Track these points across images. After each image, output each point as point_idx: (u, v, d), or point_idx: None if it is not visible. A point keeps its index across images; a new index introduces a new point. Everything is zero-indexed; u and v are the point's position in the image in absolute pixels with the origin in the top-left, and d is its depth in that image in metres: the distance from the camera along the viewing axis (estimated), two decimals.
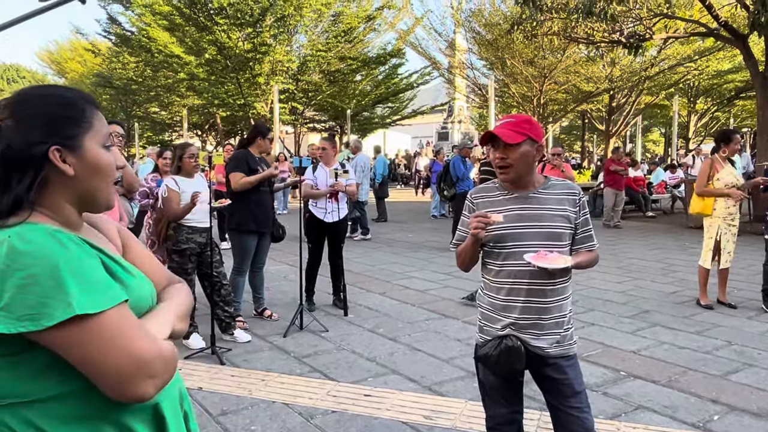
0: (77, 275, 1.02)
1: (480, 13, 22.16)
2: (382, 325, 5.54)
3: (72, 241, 1.06)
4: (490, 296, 2.39)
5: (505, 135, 2.23)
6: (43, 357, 1.05)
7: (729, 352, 4.74)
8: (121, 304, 1.07)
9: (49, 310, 0.99)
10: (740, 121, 33.42)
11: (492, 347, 2.32)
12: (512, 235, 2.29)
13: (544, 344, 2.30)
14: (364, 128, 28.18)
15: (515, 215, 2.29)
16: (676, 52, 20.38)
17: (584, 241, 2.38)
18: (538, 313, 2.29)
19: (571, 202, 2.34)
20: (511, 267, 2.30)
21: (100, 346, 1.02)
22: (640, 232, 12.28)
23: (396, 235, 11.74)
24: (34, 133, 1.11)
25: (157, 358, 1.07)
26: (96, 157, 1.17)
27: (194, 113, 28.47)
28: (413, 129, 37.55)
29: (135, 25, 24.16)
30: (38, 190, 1.12)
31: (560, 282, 2.32)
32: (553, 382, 2.34)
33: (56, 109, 1.15)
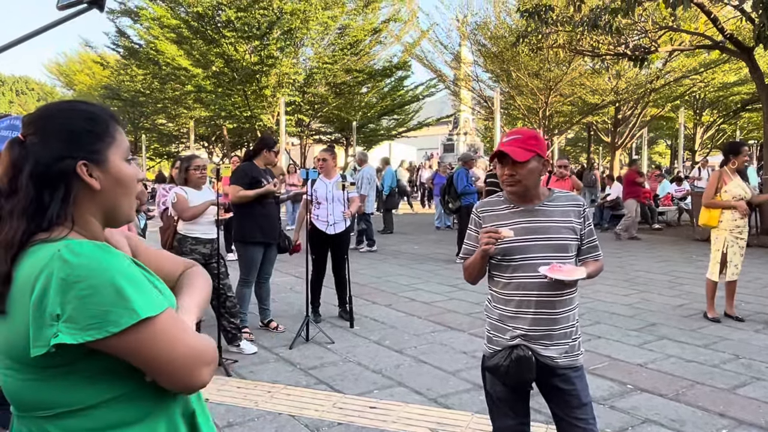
0: (132, 282, 1.07)
1: (485, 26, 22.27)
2: (388, 337, 5.53)
3: (117, 252, 1.11)
4: (499, 308, 2.42)
5: (515, 153, 2.28)
6: (96, 364, 1.09)
7: (737, 365, 4.72)
8: (168, 307, 1.13)
9: (113, 318, 1.03)
10: (746, 133, 33.34)
11: (503, 357, 2.34)
12: (520, 248, 2.32)
13: (554, 354, 2.34)
14: (369, 140, 28.24)
15: (522, 228, 2.33)
16: (681, 64, 20.40)
17: (590, 251, 2.44)
18: (548, 324, 2.33)
19: (576, 214, 2.38)
20: (520, 279, 2.33)
21: (165, 343, 1.09)
22: (647, 244, 12.24)
23: (402, 247, 11.74)
24: (60, 147, 1.14)
25: (207, 347, 1.15)
26: (119, 171, 1.20)
27: (201, 125, 28.63)
28: (419, 141, 37.62)
29: (143, 38, 24.40)
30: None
31: (567, 293, 2.35)
32: (560, 393, 2.36)
33: (81, 123, 1.17)
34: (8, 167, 1.15)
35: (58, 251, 1.05)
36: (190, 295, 1.33)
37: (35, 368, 1.08)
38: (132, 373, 1.11)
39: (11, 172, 1.14)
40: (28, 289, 1.05)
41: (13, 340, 1.08)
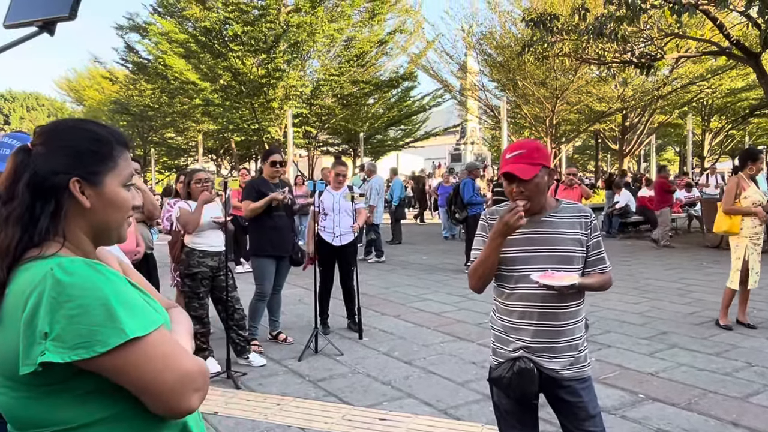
0: (123, 302, 1.07)
1: (491, 36, 22.34)
2: (397, 348, 5.52)
3: (109, 271, 1.11)
4: (503, 319, 2.41)
5: (521, 171, 2.27)
6: (88, 384, 1.08)
7: (749, 373, 4.67)
8: (161, 327, 1.12)
9: (101, 338, 1.03)
10: (755, 138, 33.16)
11: (505, 369, 2.32)
12: (524, 259, 2.31)
13: (558, 366, 2.31)
14: (377, 151, 28.32)
15: (526, 239, 2.32)
16: (688, 71, 20.36)
17: (596, 263, 2.38)
18: (551, 336, 2.30)
19: (583, 225, 2.36)
20: (523, 290, 2.32)
21: (152, 365, 1.08)
22: (656, 252, 12.17)
23: (410, 257, 11.74)
24: (60, 162, 1.16)
25: (199, 372, 1.13)
26: (114, 195, 1.22)
27: (209, 138, 28.83)
28: (426, 151, 37.66)
29: (151, 53, 24.64)
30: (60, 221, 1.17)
31: (572, 306, 2.33)
32: (568, 405, 2.35)
33: (86, 143, 1.20)
34: (10, 173, 1.17)
35: (50, 270, 1.06)
36: (180, 327, 1.32)
37: (27, 386, 1.08)
38: (124, 393, 1.10)
39: (12, 177, 1.17)
40: (20, 306, 1.06)
41: (4, 357, 1.08)
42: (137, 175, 4.94)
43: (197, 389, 1.12)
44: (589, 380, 2.38)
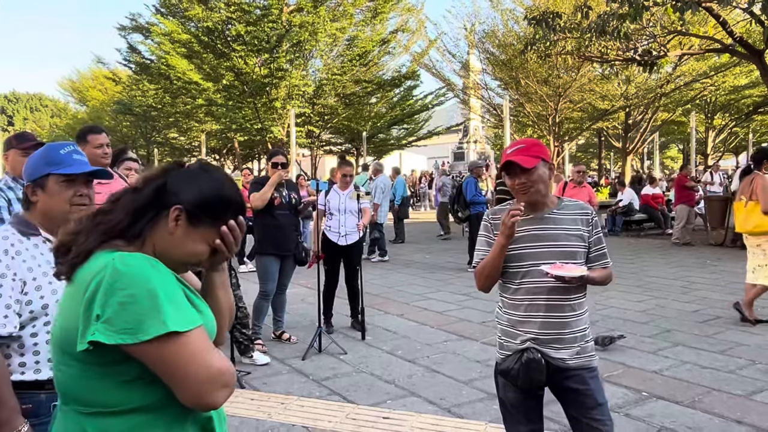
0: (170, 298, 1.18)
1: (493, 34, 22.27)
2: (401, 347, 5.53)
3: (164, 269, 1.24)
4: (510, 313, 2.48)
5: (523, 161, 2.35)
6: (133, 370, 1.20)
7: (753, 371, 4.66)
8: (200, 326, 1.23)
9: (145, 327, 1.14)
10: (759, 136, 33.04)
11: (513, 360, 2.39)
12: (530, 255, 2.39)
13: (566, 356, 2.38)
14: (380, 150, 28.29)
15: (531, 235, 2.40)
16: (691, 68, 20.28)
17: (598, 258, 2.47)
18: (558, 327, 2.38)
19: (585, 222, 2.45)
20: (529, 284, 2.40)
21: (187, 359, 1.17)
22: (660, 249, 12.15)
23: (413, 257, 11.74)
24: (184, 190, 1.32)
25: (227, 371, 1.23)
26: (195, 241, 1.33)
27: (212, 138, 28.83)
28: (429, 150, 37.65)
29: (154, 53, 24.67)
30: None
31: (576, 297, 2.42)
32: (575, 394, 2.40)
33: (213, 194, 1.34)
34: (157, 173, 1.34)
35: (112, 260, 1.19)
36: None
37: (80, 363, 1.20)
38: (161, 384, 1.20)
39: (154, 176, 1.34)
40: (82, 289, 1.19)
41: (65, 334, 1.21)
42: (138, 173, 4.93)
43: (225, 385, 1.21)
44: (596, 370, 2.45)
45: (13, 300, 1.79)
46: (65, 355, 1.22)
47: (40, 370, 1.84)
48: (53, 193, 1.92)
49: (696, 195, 13.45)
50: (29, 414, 1.79)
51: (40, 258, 1.88)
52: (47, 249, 1.91)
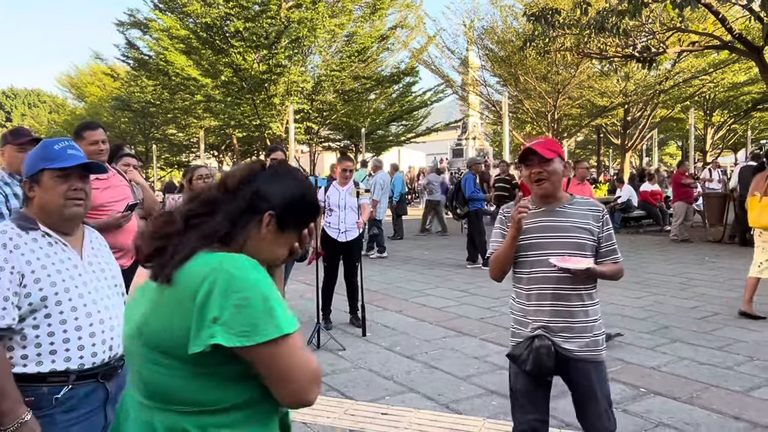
0: (277, 301, 1.24)
1: (492, 31, 22.25)
2: (399, 343, 5.53)
3: (264, 272, 1.29)
4: (521, 303, 2.62)
5: (542, 151, 2.51)
6: (235, 370, 1.25)
7: (751, 367, 4.67)
8: (299, 328, 1.29)
9: (260, 329, 1.19)
10: (758, 133, 33.05)
11: (524, 347, 2.52)
12: (540, 245, 2.54)
13: (574, 347, 2.50)
14: (378, 146, 28.25)
15: (542, 227, 2.56)
16: (690, 65, 20.27)
17: (609, 254, 2.60)
18: (567, 316, 2.51)
19: (595, 218, 2.58)
20: (539, 273, 2.53)
21: (293, 360, 1.24)
22: (658, 246, 12.16)
23: (412, 253, 11.74)
24: (276, 195, 1.37)
25: (319, 367, 1.30)
26: (284, 243, 1.42)
27: (211, 134, 28.77)
28: (428, 146, 37.60)
29: (152, 49, 24.58)
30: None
31: (584, 289, 2.53)
32: (578, 384, 2.55)
33: (302, 200, 1.41)
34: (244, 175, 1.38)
35: (220, 262, 1.23)
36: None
37: (186, 365, 1.23)
38: (256, 381, 1.26)
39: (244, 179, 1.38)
40: (191, 292, 1.22)
41: (170, 336, 1.24)
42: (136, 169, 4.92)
43: (318, 383, 1.29)
44: (603, 364, 2.57)
45: (11, 293, 1.80)
46: (165, 355, 1.25)
47: (42, 362, 1.85)
48: (48, 188, 1.94)
49: (694, 192, 13.44)
50: (31, 407, 1.81)
51: (39, 252, 1.90)
52: (46, 243, 1.93)
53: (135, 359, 1.32)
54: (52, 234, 1.95)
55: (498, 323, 6.12)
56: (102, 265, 2.07)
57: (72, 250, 1.98)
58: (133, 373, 1.35)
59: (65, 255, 1.95)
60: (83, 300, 1.93)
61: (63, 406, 1.86)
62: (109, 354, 1.96)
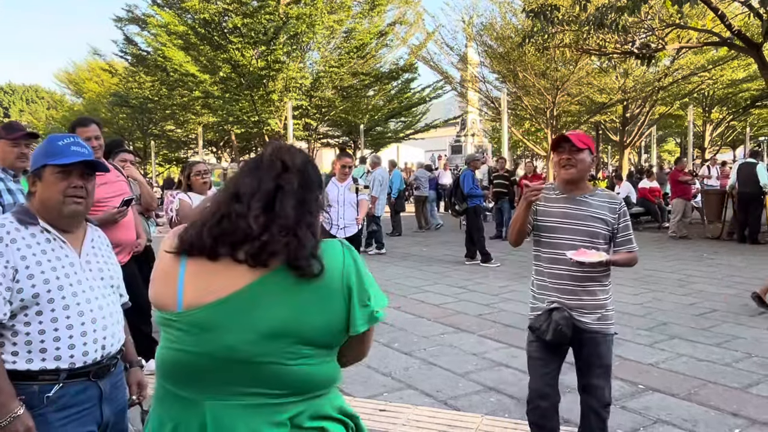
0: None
1: (491, 27, 22.21)
2: (398, 339, 5.53)
3: None
4: (540, 279, 2.88)
5: (575, 140, 2.73)
6: (338, 349, 1.41)
7: (749, 364, 4.67)
8: None
9: (383, 304, 1.39)
10: (756, 130, 33.07)
11: (543, 319, 2.78)
12: (559, 229, 2.79)
13: (588, 320, 2.78)
14: (377, 143, 28.24)
15: (562, 212, 2.80)
16: (689, 62, 20.25)
17: (624, 243, 2.85)
18: (580, 295, 2.76)
19: (611, 210, 2.80)
20: (556, 255, 2.78)
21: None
22: (657, 243, 12.16)
23: (411, 249, 11.73)
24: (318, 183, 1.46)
25: None
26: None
27: (209, 131, 28.74)
28: (426, 143, 37.56)
29: (151, 45, 24.52)
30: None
31: (596, 271, 2.77)
32: (587, 353, 2.82)
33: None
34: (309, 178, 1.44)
35: (344, 249, 1.38)
36: None
37: (332, 350, 1.37)
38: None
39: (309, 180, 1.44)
40: (339, 279, 1.33)
41: (327, 326, 1.32)
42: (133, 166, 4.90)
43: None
44: (611, 337, 2.86)
45: (3, 287, 1.79)
46: (313, 347, 1.32)
47: (32, 360, 1.83)
48: (48, 184, 1.92)
49: (692, 189, 13.44)
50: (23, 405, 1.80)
51: (35, 247, 1.87)
52: (44, 239, 1.91)
53: (265, 362, 1.28)
54: (51, 230, 1.93)
55: (496, 320, 6.12)
56: (100, 264, 2.05)
57: (70, 248, 1.95)
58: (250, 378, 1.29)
59: (62, 252, 1.93)
60: (77, 299, 1.90)
61: (55, 405, 1.84)
62: (102, 353, 1.94)
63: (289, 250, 1.29)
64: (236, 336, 1.28)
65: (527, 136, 28.33)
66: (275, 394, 1.30)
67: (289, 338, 1.28)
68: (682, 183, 12.84)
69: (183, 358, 1.31)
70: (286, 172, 1.38)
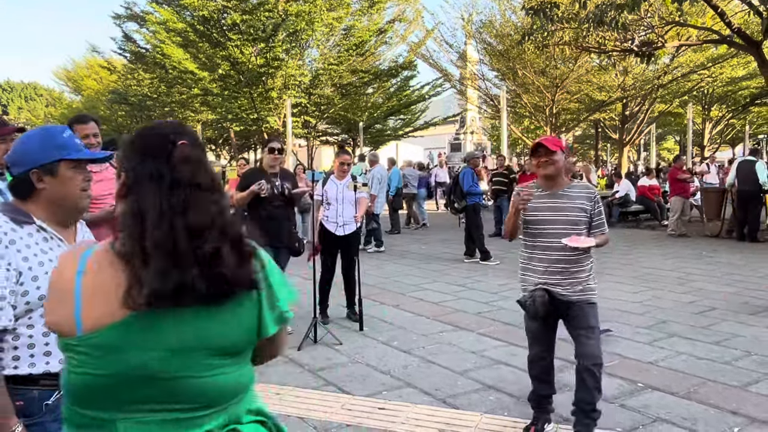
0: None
1: (491, 25, 22.22)
2: (397, 337, 5.52)
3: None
4: (527, 264, 3.39)
5: (550, 144, 3.29)
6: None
7: (749, 362, 4.67)
8: None
9: (291, 296, 1.35)
10: (756, 127, 33.08)
11: (528, 297, 3.31)
12: (544, 220, 3.31)
13: (569, 293, 3.27)
14: (376, 140, 28.24)
15: (547, 207, 3.31)
16: (689, 59, 20.26)
17: (599, 226, 3.37)
18: (562, 274, 3.27)
19: (588, 198, 3.33)
20: (542, 243, 3.31)
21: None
22: (656, 241, 12.16)
23: (409, 247, 11.72)
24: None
25: None
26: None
27: (208, 128, 28.74)
28: (425, 141, 37.56)
29: (149, 42, 24.51)
30: None
31: (575, 255, 3.27)
32: (574, 318, 3.31)
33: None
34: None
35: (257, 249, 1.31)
36: None
37: (244, 356, 1.30)
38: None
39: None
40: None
41: (238, 332, 1.26)
42: None
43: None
44: (595, 305, 3.35)
45: (7, 291, 1.71)
46: (227, 356, 1.25)
47: (35, 363, 1.76)
48: (65, 179, 1.83)
49: (691, 186, 13.44)
50: (21, 412, 1.72)
51: (35, 247, 1.80)
52: (41, 238, 1.83)
53: (178, 377, 1.21)
54: (47, 229, 1.85)
55: (495, 318, 6.11)
56: None
57: (68, 246, 1.89)
58: (164, 394, 1.21)
59: (61, 251, 1.85)
60: None
61: (53, 414, 1.77)
62: None
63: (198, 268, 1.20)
64: (146, 354, 1.18)
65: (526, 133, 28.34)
66: (191, 408, 1.22)
67: (201, 350, 1.21)
68: (681, 181, 12.83)
69: (91, 381, 1.19)
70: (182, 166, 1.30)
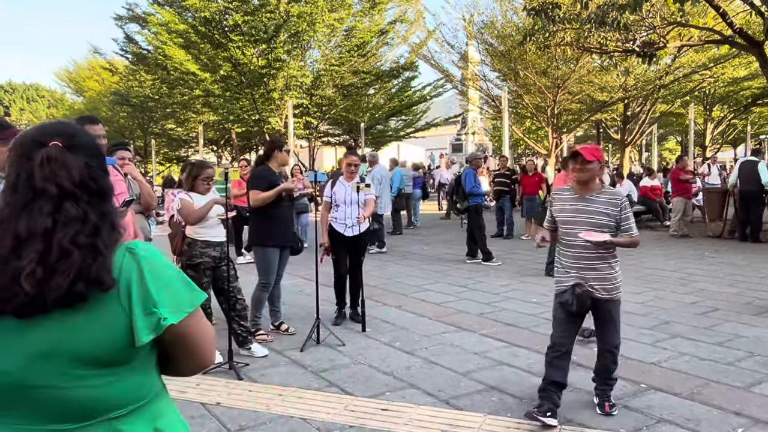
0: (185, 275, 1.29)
1: (492, 25, 22.18)
2: (399, 338, 5.52)
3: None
4: (563, 261, 3.74)
5: (587, 153, 3.57)
6: (151, 359, 1.27)
7: (752, 363, 4.66)
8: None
9: (185, 300, 1.24)
10: (758, 128, 33.02)
11: (569, 293, 3.59)
12: (573, 222, 3.66)
13: (601, 291, 3.62)
14: (378, 141, 28.24)
15: (575, 209, 3.67)
16: (690, 60, 20.22)
17: (626, 230, 3.68)
18: (593, 272, 3.62)
19: (614, 205, 3.64)
20: (573, 242, 3.65)
21: (204, 326, 1.31)
22: (658, 242, 12.14)
23: (411, 248, 11.72)
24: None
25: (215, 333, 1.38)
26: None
27: (210, 129, 28.75)
28: (427, 141, 37.58)
29: (151, 43, 24.54)
30: None
31: (604, 253, 3.62)
32: (602, 312, 3.71)
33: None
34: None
35: (128, 252, 1.21)
36: None
37: (119, 366, 1.19)
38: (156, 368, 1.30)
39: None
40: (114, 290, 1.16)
41: (102, 341, 1.15)
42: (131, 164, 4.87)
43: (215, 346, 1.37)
44: (619, 302, 3.74)
45: None
46: (93, 366, 1.15)
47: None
48: None
49: (693, 187, 13.42)
50: None
51: None
52: None
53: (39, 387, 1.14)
54: None
55: (498, 318, 6.11)
56: None
57: None
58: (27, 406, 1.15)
59: None
60: None
61: None
62: None
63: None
64: (5, 361, 1.13)
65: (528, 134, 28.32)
66: (60, 420, 1.16)
67: (61, 358, 1.13)
68: (683, 181, 12.81)
69: None
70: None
